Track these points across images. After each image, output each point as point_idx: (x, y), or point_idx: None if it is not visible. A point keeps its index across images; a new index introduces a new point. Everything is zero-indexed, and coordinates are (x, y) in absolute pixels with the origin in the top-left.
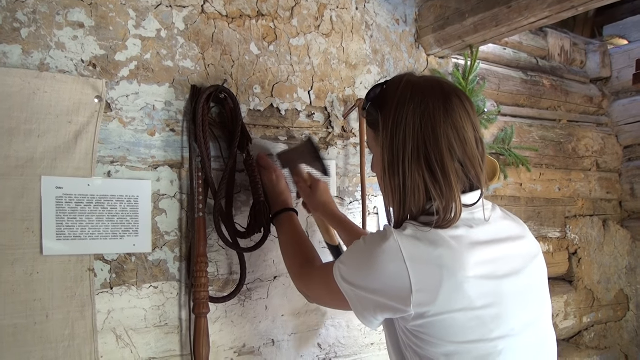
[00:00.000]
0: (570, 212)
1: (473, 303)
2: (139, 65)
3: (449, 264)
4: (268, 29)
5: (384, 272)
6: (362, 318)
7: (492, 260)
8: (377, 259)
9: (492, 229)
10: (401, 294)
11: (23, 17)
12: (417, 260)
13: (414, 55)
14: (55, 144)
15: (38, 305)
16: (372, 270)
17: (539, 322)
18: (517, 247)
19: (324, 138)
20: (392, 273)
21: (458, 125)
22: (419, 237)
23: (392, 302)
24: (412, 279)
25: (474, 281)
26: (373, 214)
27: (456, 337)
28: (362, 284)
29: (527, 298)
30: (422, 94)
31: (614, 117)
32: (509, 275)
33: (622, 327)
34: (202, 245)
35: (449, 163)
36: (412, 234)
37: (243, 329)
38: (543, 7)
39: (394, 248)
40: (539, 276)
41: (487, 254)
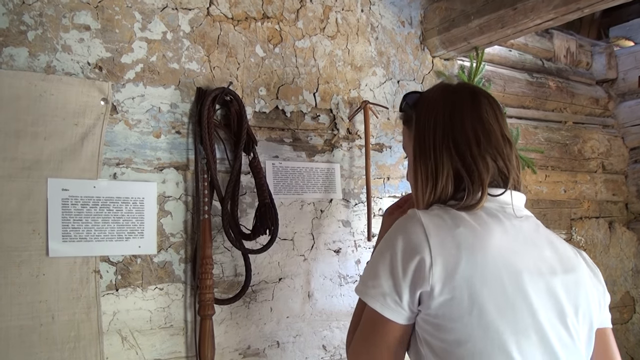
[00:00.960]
0: (576, 214)
1: (489, 287)
2: (144, 67)
3: (469, 243)
4: (273, 31)
5: (406, 246)
6: (388, 310)
7: (516, 252)
8: (399, 236)
9: (522, 225)
10: (422, 268)
11: (30, 20)
12: (438, 235)
13: (420, 57)
14: (61, 146)
15: (44, 306)
16: (394, 248)
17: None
18: (554, 256)
19: (329, 140)
20: (414, 246)
21: (484, 118)
22: (442, 215)
23: (414, 278)
24: (433, 253)
25: (492, 265)
26: (378, 216)
27: (469, 322)
28: (382, 270)
29: (554, 303)
30: (452, 93)
31: (620, 119)
32: (532, 272)
33: (629, 329)
34: (207, 247)
35: (476, 150)
36: (436, 212)
37: (248, 330)
38: (548, 8)
39: (417, 224)
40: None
41: (511, 244)
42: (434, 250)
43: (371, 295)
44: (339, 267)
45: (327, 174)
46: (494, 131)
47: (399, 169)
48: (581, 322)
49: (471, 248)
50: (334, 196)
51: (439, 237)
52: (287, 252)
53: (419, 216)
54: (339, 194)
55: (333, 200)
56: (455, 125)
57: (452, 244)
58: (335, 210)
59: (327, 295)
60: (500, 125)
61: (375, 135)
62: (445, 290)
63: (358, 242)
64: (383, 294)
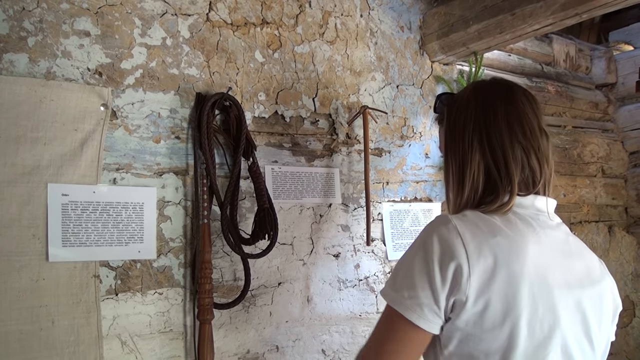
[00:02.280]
0: (576, 217)
1: (522, 301)
2: (144, 73)
3: (505, 255)
4: (273, 36)
5: (443, 251)
6: (424, 321)
7: (548, 266)
8: (434, 240)
9: (555, 235)
10: (459, 275)
11: (30, 26)
12: (474, 243)
13: (419, 61)
14: (61, 151)
15: (43, 311)
16: (430, 253)
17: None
18: (582, 268)
19: (328, 145)
20: (451, 252)
21: (520, 110)
22: (477, 222)
23: (451, 285)
24: (470, 261)
25: (527, 279)
26: (377, 220)
27: (500, 335)
28: (419, 278)
29: (580, 317)
30: (485, 88)
31: (620, 123)
32: (561, 287)
33: (628, 333)
34: (206, 252)
35: (508, 144)
36: (470, 219)
37: (247, 335)
38: (547, 14)
39: (452, 229)
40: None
41: (544, 257)
42: (471, 259)
43: (407, 306)
44: (338, 271)
45: (326, 178)
46: (530, 122)
47: (398, 174)
48: (603, 334)
49: (507, 260)
50: (333, 201)
51: (475, 245)
52: (287, 257)
53: (454, 222)
54: (338, 199)
55: (332, 204)
56: (488, 117)
57: (489, 254)
58: (335, 214)
59: (327, 300)
60: (537, 117)
61: (375, 140)
62: (480, 302)
63: (357, 247)
64: (420, 305)
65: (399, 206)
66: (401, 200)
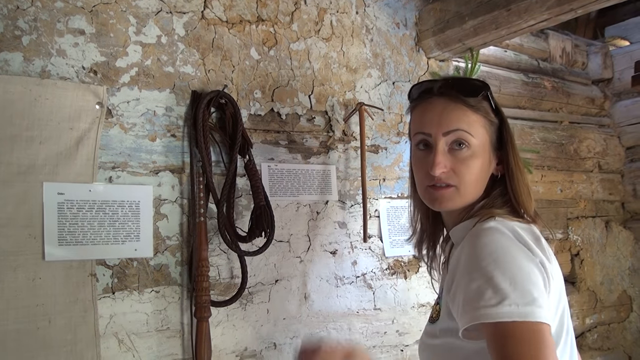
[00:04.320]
0: (573, 213)
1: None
2: (139, 71)
3: (551, 254)
4: (268, 33)
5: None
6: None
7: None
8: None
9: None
10: (546, 271)
11: (24, 25)
12: (531, 240)
13: (415, 58)
14: (56, 150)
15: (40, 310)
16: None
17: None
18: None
19: (324, 142)
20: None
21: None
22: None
23: (547, 284)
24: (541, 257)
25: (554, 261)
26: (374, 217)
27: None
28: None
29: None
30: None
31: (616, 118)
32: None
33: (626, 328)
34: (203, 250)
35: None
36: (505, 223)
37: (245, 332)
38: (542, 9)
39: (510, 232)
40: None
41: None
42: (541, 256)
43: (538, 312)
44: (335, 268)
45: (322, 175)
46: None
47: (395, 170)
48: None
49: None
50: (330, 198)
51: (534, 244)
52: (284, 254)
53: (508, 227)
54: (335, 196)
55: (329, 202)
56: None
57: (545, 250)
58: (331, 211)
59: (324, 297)
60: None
61: (371, 136)
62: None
63: (354, 244)
64: (542, 304)
65: (395, 203)
66: (398, 197)
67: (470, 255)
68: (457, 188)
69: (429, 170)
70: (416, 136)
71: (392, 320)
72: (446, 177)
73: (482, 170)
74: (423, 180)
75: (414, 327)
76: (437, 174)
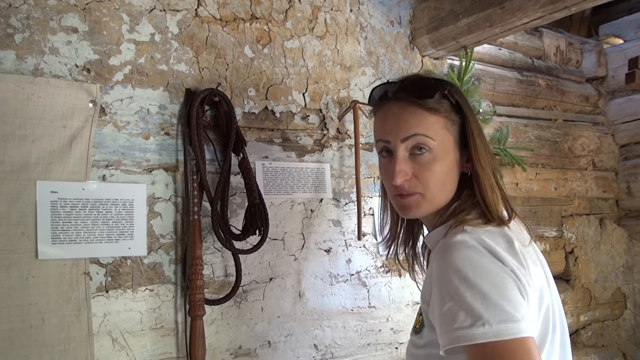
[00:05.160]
0: (567, 211)
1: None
2: (133, 69)
3: (525, 253)
4: (262, 31)
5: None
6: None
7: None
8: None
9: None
10: (520, 280)
11: (17, 23)
12: (503, 249)
13: (409, 56)
14: (49, 148)
15: (34, 309)
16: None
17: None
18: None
19: (318, 140)
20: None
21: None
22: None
23: (523, 292)
24: (517, 267)
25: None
26: (369, 215)
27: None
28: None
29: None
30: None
31: (610, 116)
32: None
33: (620, 325)
34: (197, 248)
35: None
36: (472, 232)
37: (239, 330)
38: (536, 7)
39: (481, 244)
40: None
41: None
42: (517, 265)
43: (519, 327)
44: (330, 266)
45: (317, 173)
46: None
47: None
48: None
49: (528, 256)
50: (324, 196)
51: (509, 253)
52: (278, 252)
53: (478, 238)
54: (329, 194)
55: (323, 200)
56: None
57: (519, 255)
58: (326, 209)
59: (318, 295)
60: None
61: (365, 134)
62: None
63: (349, 242)
64: (524, 315)
65: None
66: None
67: (440, 274)
68: (422, 195)
69: (391, 179)
70: (378, 143)
71: (386, 318)
72: (409, 185)
73: (448, 173)
74: (390, 188)
75: (408, 325)
76: (398, 183)
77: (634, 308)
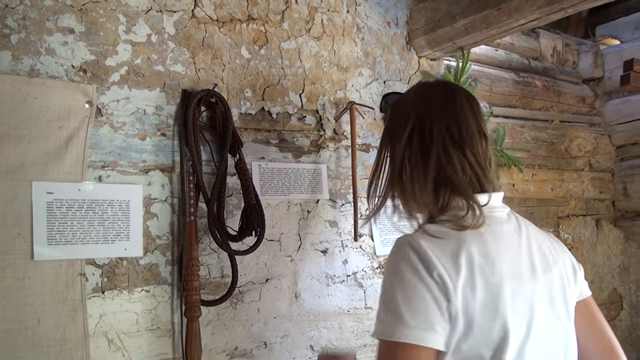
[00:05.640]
0: (563, 212)
1: (506, 300)
2: (129, 70)
3: (477, 261)
4: (259, 32)
5: (426, 267)
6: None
7: (513, 261)
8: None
9: (508, 229)
10: (446, 288)
11: (13, 24)
12: (447, 257)
13: (406, 57)
14: (45, 149)
15: (29, 310)
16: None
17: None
18: (540, 254)
19: (315, 141)
20: (432, 266)
21: (458, 112)
22: (441, 236)
23: (442, 301)
24: (449, 273)
25: (502, 277)
26: (365, 216)
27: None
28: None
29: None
30: (427, 89)
31: (607, 117)
32: (529, 278)
33: (616, 326)
34: (193, 249)
35: (442, 147)
36: (421, 234)
37: (235, 331)
38: (532, 9)
39: (421, 247)
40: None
41: (505, 250)
42: (449, 271)
43: (417, 334)
44: (326, 267)
45: (313, 174)
46: (468, 124)
47: None
48: (570, 310)
49: (482, 267)
50: (321, 197)
51: (448, 259)
52: (274, 253)
53: (419, 241)
54: (326, 195)
55: (320, 200)
56: (425, 121)
57: (463, 265)
58: (322, 210)
59: (315, 296)
60: (477, 120)
61: (362, 135)
62: (467, 312)
63: (345, 243)
64: (430, 323)
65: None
66: None
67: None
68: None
69: None
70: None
71: None
72: None
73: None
74: None
75: None
76: None
77: (630, 309)
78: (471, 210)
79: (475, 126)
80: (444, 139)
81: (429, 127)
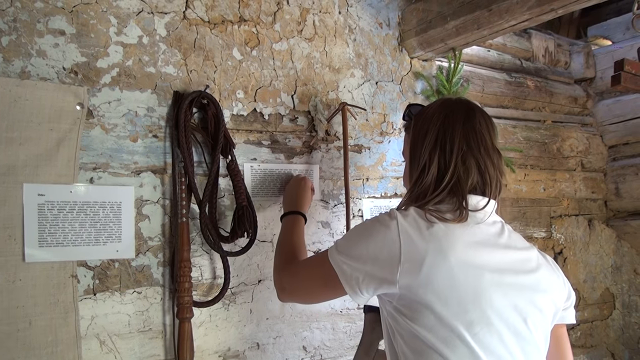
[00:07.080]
0: (556, 212)
1: (453, 282)
2: (120, 71)
3: (437, 240)
4: (250, 34)
5: (378, 240)
6: (350, 290)
7: (478, 254)
8: (375, 229)
9: (489, 230)
10: (391, 262)
11: (3, 25)
12: (410, 233)
13: (398, 58)
14: (36, 151)
15: (21, 312)
16: (369, 238)
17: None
18: (515, 258)
19: (307, 142)
20: (386, 242)
21: (476, 128)
22: (417, 216)
23: (382, 270)
24: (402, 249)
25: (458, 262)
26: (357, 217)
27: (434, 313)
28: (355, 253)
29: (513, 299)
30: (449, 106)
31: (599, 117)
32: (493, 271)
33: (609, 325)
34: (185, 250)
35: (460, 156)
36: (413, 213)
37: (227, 332)
38: (523, 10)
39: (393, 221)
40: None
41: (476, 244)
42: (403, 248)
43: (342, 270)
44: None
45: (306, 175)
46: (484, 139)
47: (378, 170)
48: (539, 319)
49: (439, 246)
50: (313, 197)
51: (411, 236)
52: (267, 254)
53: (396, 215)
54: (318, 195)
55: (312, 201)
56: (447, 131)
57: (421, 242)
58: (315, 211)
59: None
60: (491, 136)
61: (354, 136)
62: (413, 285)
63: None
64: (357, 279)
65: (379, 202)
66: (381, 197)
67: None
68: None
69: None
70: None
71: None
72: None
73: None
74: None
75: None
76: None
77: (622, 308)
78: (458, 209)
79: (489, 141)
80: (463, 149)
81: (450, 137)
